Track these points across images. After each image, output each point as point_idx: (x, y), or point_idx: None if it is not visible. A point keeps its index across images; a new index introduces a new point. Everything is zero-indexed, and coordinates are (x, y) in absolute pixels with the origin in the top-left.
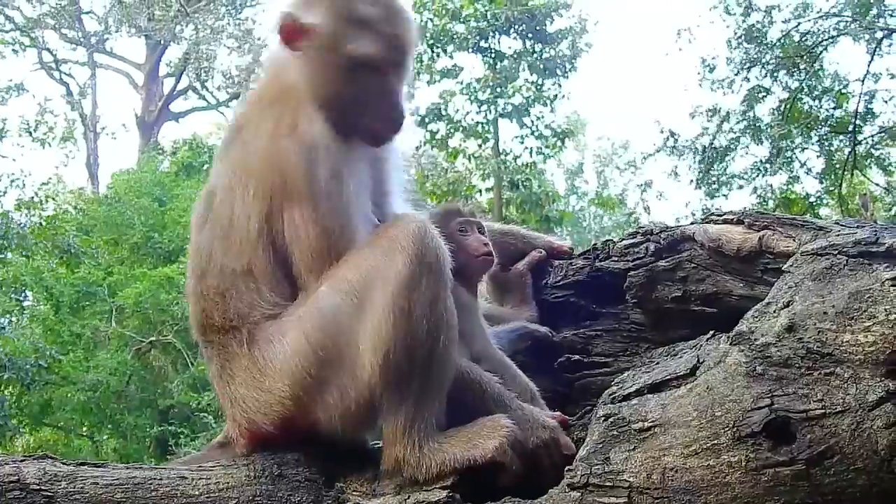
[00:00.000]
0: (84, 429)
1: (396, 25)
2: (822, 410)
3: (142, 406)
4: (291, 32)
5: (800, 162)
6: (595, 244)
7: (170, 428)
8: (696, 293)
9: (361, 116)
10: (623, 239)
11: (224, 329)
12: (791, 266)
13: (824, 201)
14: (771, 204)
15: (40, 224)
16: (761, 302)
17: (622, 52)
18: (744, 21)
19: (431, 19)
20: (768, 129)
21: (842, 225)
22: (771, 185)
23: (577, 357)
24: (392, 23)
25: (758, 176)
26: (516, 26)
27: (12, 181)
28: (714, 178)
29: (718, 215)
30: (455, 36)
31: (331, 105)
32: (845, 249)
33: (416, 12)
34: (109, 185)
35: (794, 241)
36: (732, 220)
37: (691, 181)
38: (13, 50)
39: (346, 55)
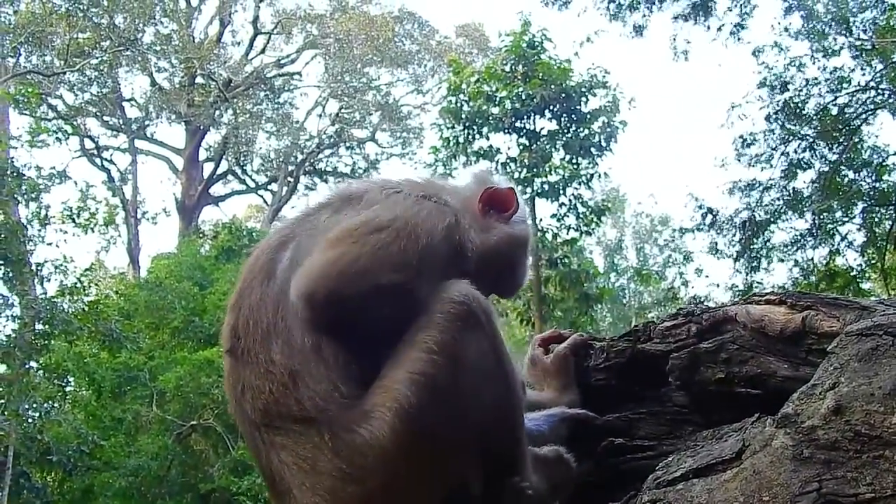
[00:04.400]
0: None
1: None
2: (873, 494)
3: (183, 491)
4: (499, 199)
5: (840, 235)
6: (636, 326)
7: None
8: (740, 375)
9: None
10: (664, 320)
11: (300, 419)
12: (836, 347)
13: (867, 275)
14: (813, 278)
15: (83, 310)
16: (807, 384)
17: (660, 128)
18: (781, 93)
19: (467, 101)
20: (808, 203)
21: (886, 304)
22: (812, 259)
23: (620, 440)
24: None
25: (799, 250)
26: (551, 107)
27: (56, 267)
28: (755, 252)
29: (760, 296)
30: (490, 117)
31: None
32: (891, 330)
33: (451, 95)
34: (150, 270)
35: (837, 321)
36: (775, 300)
37: (731, 255)
38: (57, 138)
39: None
